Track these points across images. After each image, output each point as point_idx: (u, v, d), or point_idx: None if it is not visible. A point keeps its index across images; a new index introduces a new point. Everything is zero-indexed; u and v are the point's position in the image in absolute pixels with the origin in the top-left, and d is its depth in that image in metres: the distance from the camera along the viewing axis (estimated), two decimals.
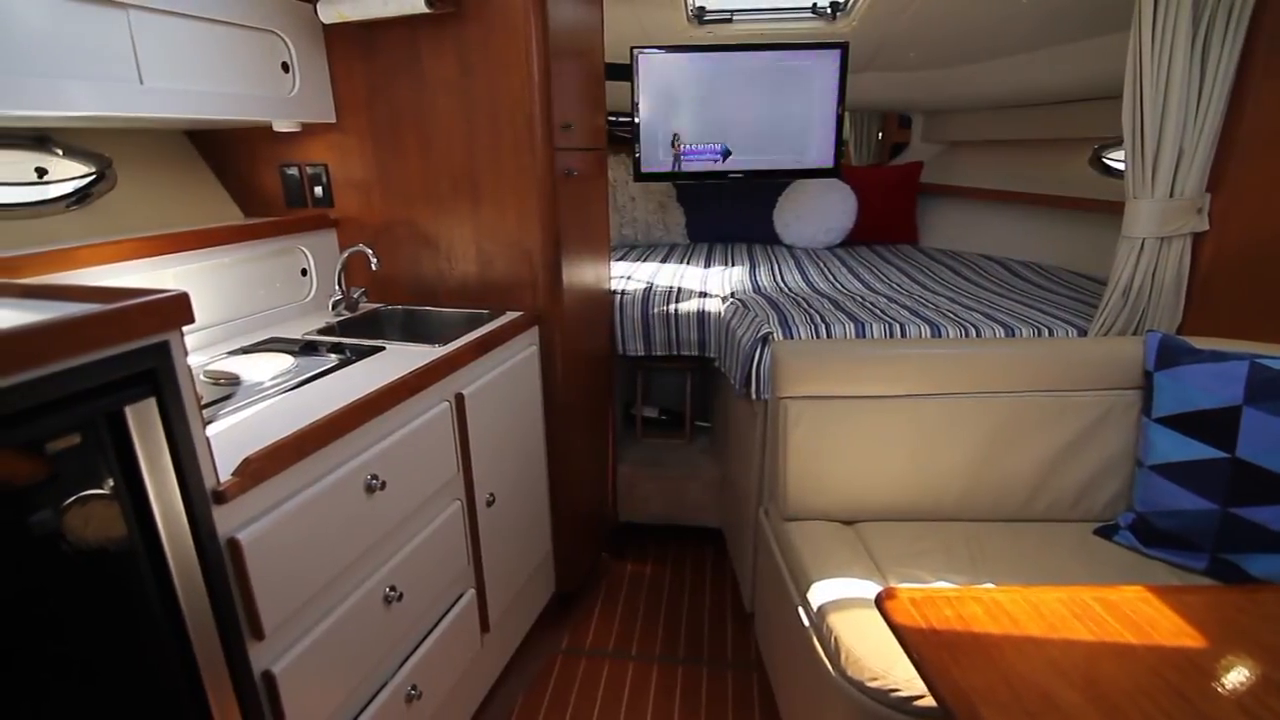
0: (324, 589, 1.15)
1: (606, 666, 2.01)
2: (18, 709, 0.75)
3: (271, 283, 1.85)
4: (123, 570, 0.84)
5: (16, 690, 0.74)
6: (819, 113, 2.57)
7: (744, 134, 2.62)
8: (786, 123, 2.63)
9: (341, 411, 1.17)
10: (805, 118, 2.58)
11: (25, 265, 1.25)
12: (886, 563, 1.54)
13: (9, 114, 1.17)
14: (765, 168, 2.62)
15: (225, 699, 0.98)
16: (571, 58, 1.87)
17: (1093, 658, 0.92)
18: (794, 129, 2.60)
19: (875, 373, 1.70)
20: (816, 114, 2.57)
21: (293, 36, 1.70)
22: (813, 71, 2.54)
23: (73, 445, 0.76)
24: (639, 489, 2.57)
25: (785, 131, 2.61)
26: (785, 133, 2.61)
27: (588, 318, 2.17)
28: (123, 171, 1.67)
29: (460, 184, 1.84)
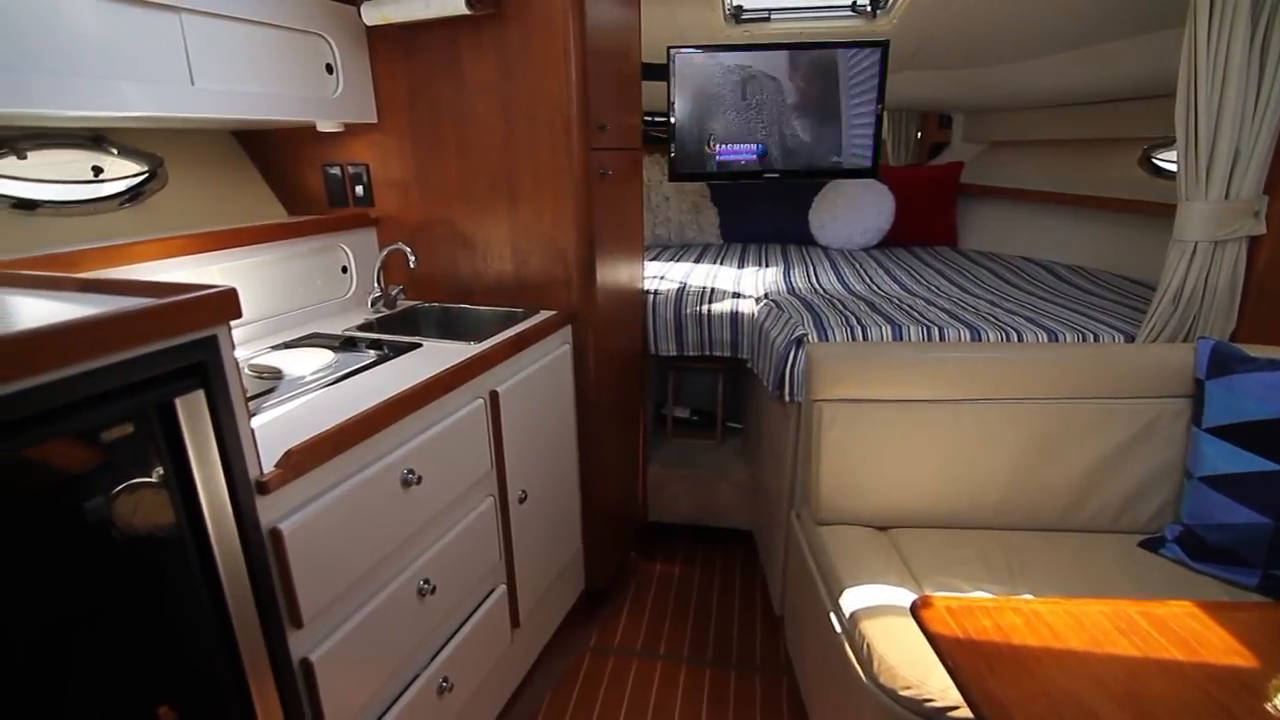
0: (360, 580, 1.18)
1: (634, 666, 2.01)
2: (69, 688, 0.78)
3: (313, 280, 1.89)
4: (170, 557, 0.87)
5: (67, 670, 0.77)
6: (857, 112, 2.54)
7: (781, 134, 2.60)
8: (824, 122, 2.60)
9: (379, 407, 1.19)
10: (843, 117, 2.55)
11: (82, 260, 1.30)
12: (921, 570, 1.51)
13: (68, 114, 1.22)
14: (801, 167, 2.59)
15: (265, 685, 1.00)
16: (609, 58, 1.88)
17: (1137, 673, 0.89)
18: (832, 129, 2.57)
19: (912, 376, 1.67)
20: (854, 113, 2.54)
21: (337, 38, 1.74)
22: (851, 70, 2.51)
23: (126, 435, 0.79)
24: (669, 489, 2.57)
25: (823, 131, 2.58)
26: (823, 130, 2.58)
27: (620, 317, 2.18)
28: (173, 170, 1.72)
29: (497, 184, 1.86)
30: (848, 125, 2.55)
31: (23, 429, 0.69)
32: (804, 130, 2.56)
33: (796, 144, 2.57)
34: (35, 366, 0.68)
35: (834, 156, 2.57)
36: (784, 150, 2.57)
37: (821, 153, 2.57)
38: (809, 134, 2.56)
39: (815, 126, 2.55)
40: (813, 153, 2.58)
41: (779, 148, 2.56)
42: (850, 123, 2.55)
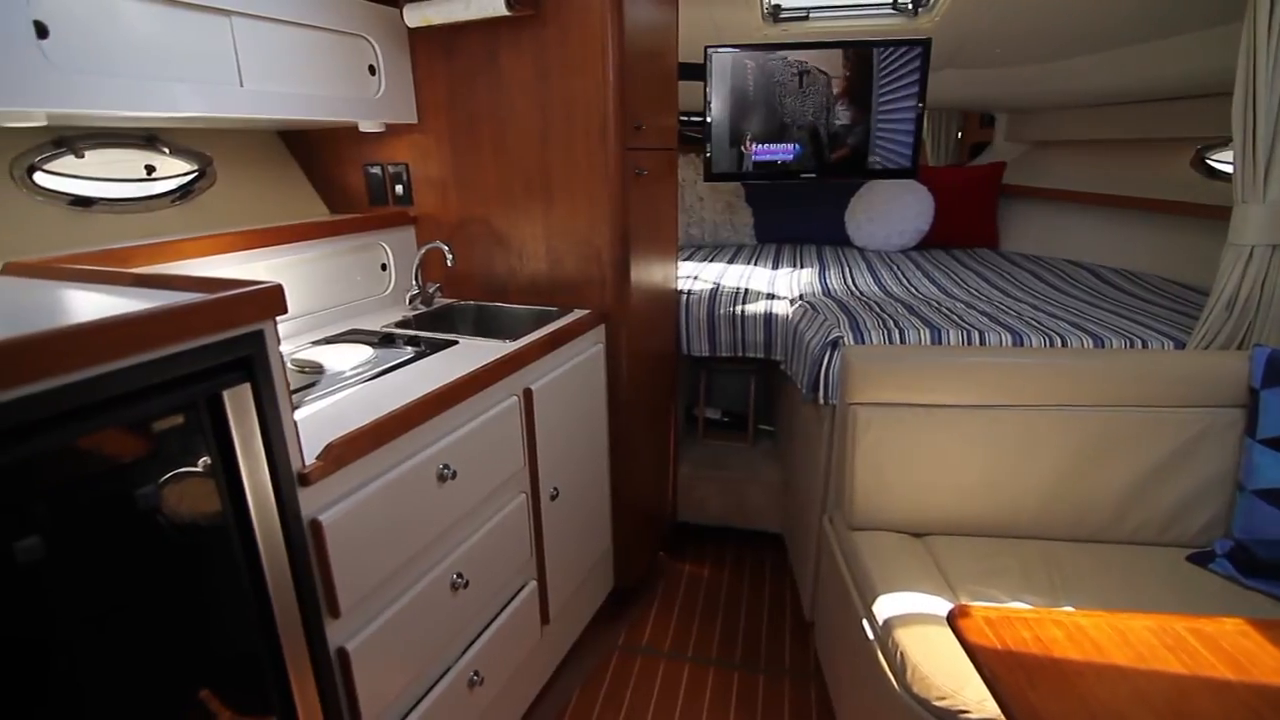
0: (396, 573, 1.20)
1: (662, 666, 2.01)
2: (116, 669, 0.81)
3: (353, 277, 1.93)
4: (215, 544, 0.89)
5: (115, 651, 0.80)
6: (897, 111, 2.50)
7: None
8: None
9: (417, 403, 1.21)
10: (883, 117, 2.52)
11: (135, 256, 1.35)
12: (957, 579, 1.48)
13: (125, 114, 1.26)
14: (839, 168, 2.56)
15: (303, 672, 1.03)
16: (646, 59, 1.88)
17: (1184, 691, 0.86)
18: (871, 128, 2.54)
19: (951, 381, 1.64)
20: (894, 113, 2.50)
21: (380, 40, 1.77)
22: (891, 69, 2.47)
23: (176, 425, 0.81)
24: (699, 490, 2.56)
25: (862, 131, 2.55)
26: (861, 130, 2.54)
27: (653, 317, 2.18)
28: (221, 169, 1.78)
29: (533, 183, 1.88)
30: (888, 125, 2.51)
31: (80, 417, 0.72)
32: (842, 130, 2.52)
33: (834, 144, 2.53)
34: (94, 358, 0.71)
35: (873, 156, 2.54)
36: (821, 150, 2.54)
37: (860, 152, 2.54)
38: (847, 133, 2.53)
39: (854, 126, 2.52)
40: (851, 152, 2.55)
41: (816, 147, 2.53)
42: (890, 122, 2.51)
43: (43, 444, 0.69)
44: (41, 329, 0.68)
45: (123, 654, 0.80)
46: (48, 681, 0.73)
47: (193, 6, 1.33)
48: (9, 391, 0.65)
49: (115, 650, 0.80)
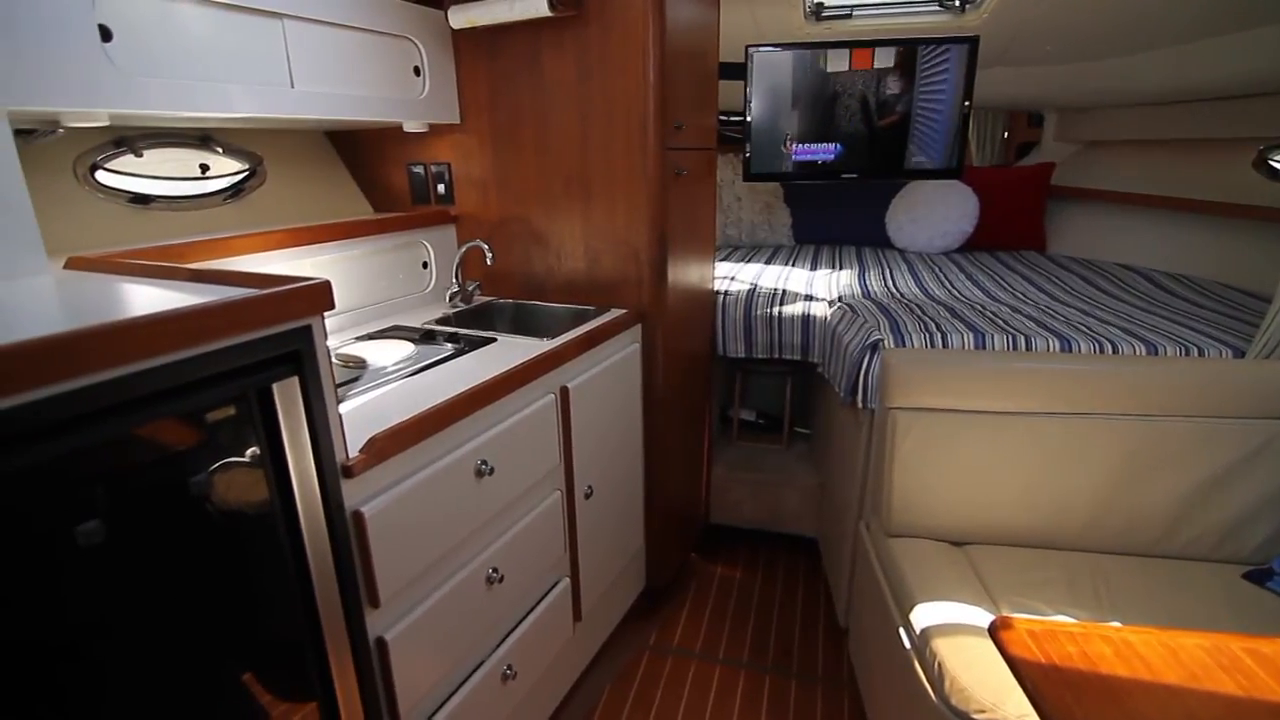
0: (434, 565, 1.22)
1: (693, 667, 2.01)
2: (164, 650, 0.83)
3: (395, 274, 1.96)
4: (261, 533, 0.92)
5: (164, 632, 0.83)
6: (942, 111, 2.45)
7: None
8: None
9: (457, 399, 1.23)
10: (925, 116, 2.47)
11: (190, 252, 1.39)
12: (999, 590, 1.45)
13: (182, 115, 1.31)
14: (881, 167, 2.52)
15: (343, 660, 1.05)
16: (686, 58, 1.88)
17: (1238, 714, 0.83)
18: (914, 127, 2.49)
19: (995, 386, 1.60)
20: (939, 112, 2.45)
21: (425, 42, 1.80)
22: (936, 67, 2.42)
23: (228, 416, 0.84)
24: (732, 492, 2.55)
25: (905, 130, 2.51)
26: (905, 130, 2.50)
27: (690, 317, 2.17)
28: (271, 169, 1.83)
29: (572, 183, 1.89)
30: (932, 124, 2.47)
31: (139, 407, 0.75)
32: (885, 129, 2.48)
33: (876, 143, 2.49)
34: (153, 350, 0.74)
35: (916, 156, 2.49)
36: (863, 149, 2.50)
37: (903, 152, 2.49)
38: (890, 133, 2.49)
39: (897, 125, 2.48)
40: (893, 152, 2.50)
41: (858, 147, 2.49)
42: (935, 122, 2.46)
43: (104, 432, 0.72)
44: (103, 322, 0.71)
45: (173, 635, 0.83)
46: (104, 659, 0.76)
47: (246, 10, 1.37)
48: (73, 381, 0.68)
49: (166, 631, 0.82)
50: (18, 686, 0.68)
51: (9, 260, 1.02)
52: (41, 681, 0.71)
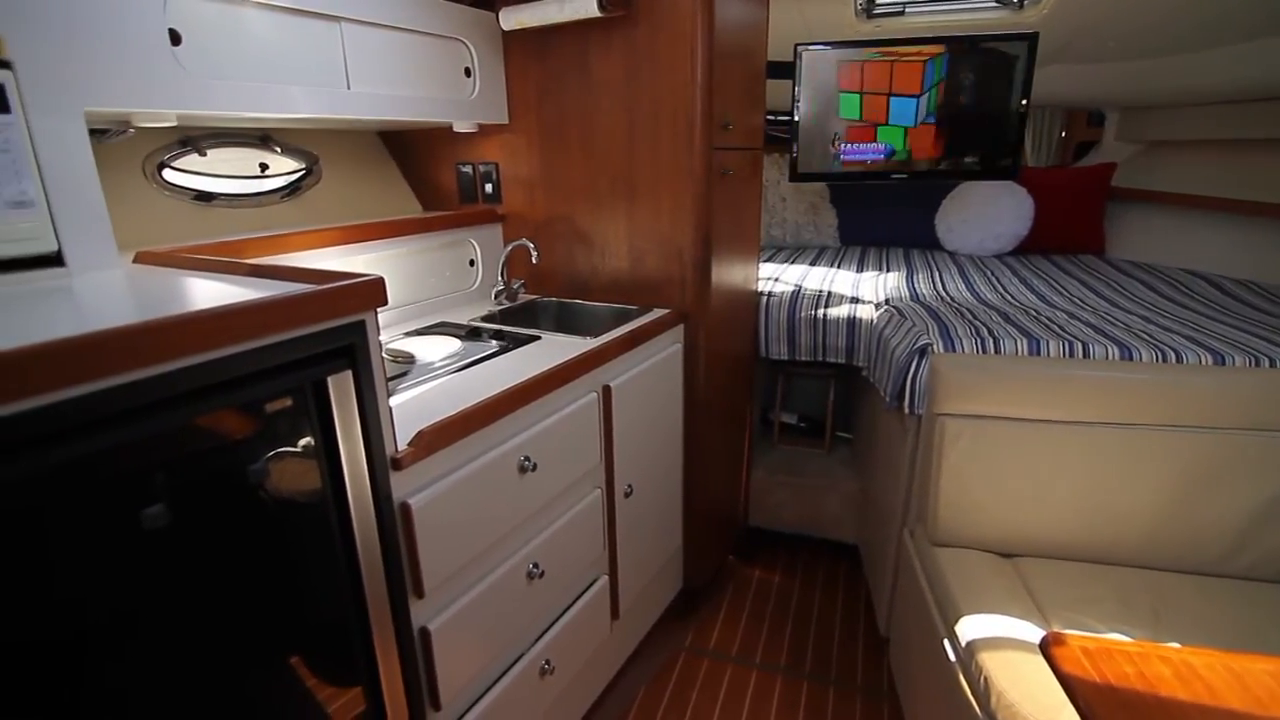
0: (477, 558, 1.24)
1: (729, 671, 2.00)
2: (219, 629, 0.87)
3: (443, 271, 2.00)
4: (313, 521, 0.95)
5: (218, 612, 0.86)
6: (997, 109, 2.38)
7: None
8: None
9: (502, 395, 1.24)
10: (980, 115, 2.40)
11: (249, 248, 1.44)
12: (1049, 605, 1.40)
13: (244, 115, 1.35)
14: (933, 168, 2.46)
15: (388, 648, 1.07)
16: (735, 57, 1.86)
17: None
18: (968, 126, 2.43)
19: (1049, 395, 1.55)
20: (994, 111, 2.38)
21: (476, 43, 1.83)
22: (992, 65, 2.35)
23: (285, 408, 0.87)
24: (772, 495, 2.53)
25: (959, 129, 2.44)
26: (959, 130, 2.44)
27: (733, 318, 2.16)
28: (326, 168, 1.88)
29: (618, 182, 1.90)
30: (987, 123, 2.40)
31: (204, 396, 0.78)
32: (937, 128, 2.43)
33: (928, 143, 2.44)
34: (216, 342, 0.77)
35: (969, 156, 2.43)
36: (914, 149, 2.45)
37: (955, 152, 2.43)
38: (943, 132, 2.43)
39: (950, 124, 2.42)
40: (945, 152, 2.44)
41: (908, 147, 2.44)
42: (989, 120, 2.39)
43: (170, 420, 0.75)
44: (172, 314, 0.74)
45: (227, 617, 0.86)
46: (163, 636, 0.80)
47: (307, 14, 1.41)
48: (143, 370, 0.71)
49: (221, 612, 0.85)
50: (86, 657, 0.72)
51: (84, 254, 1.07)
52: (107, 653, 0.74)
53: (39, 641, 0.68)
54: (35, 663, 0.68)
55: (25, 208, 1.00)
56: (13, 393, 0.62)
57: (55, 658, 0.69)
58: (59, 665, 0.70)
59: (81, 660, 0.71)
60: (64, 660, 0.70)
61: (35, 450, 0.65)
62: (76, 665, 0.71)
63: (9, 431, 0.63)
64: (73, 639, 0.70)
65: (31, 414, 0.64)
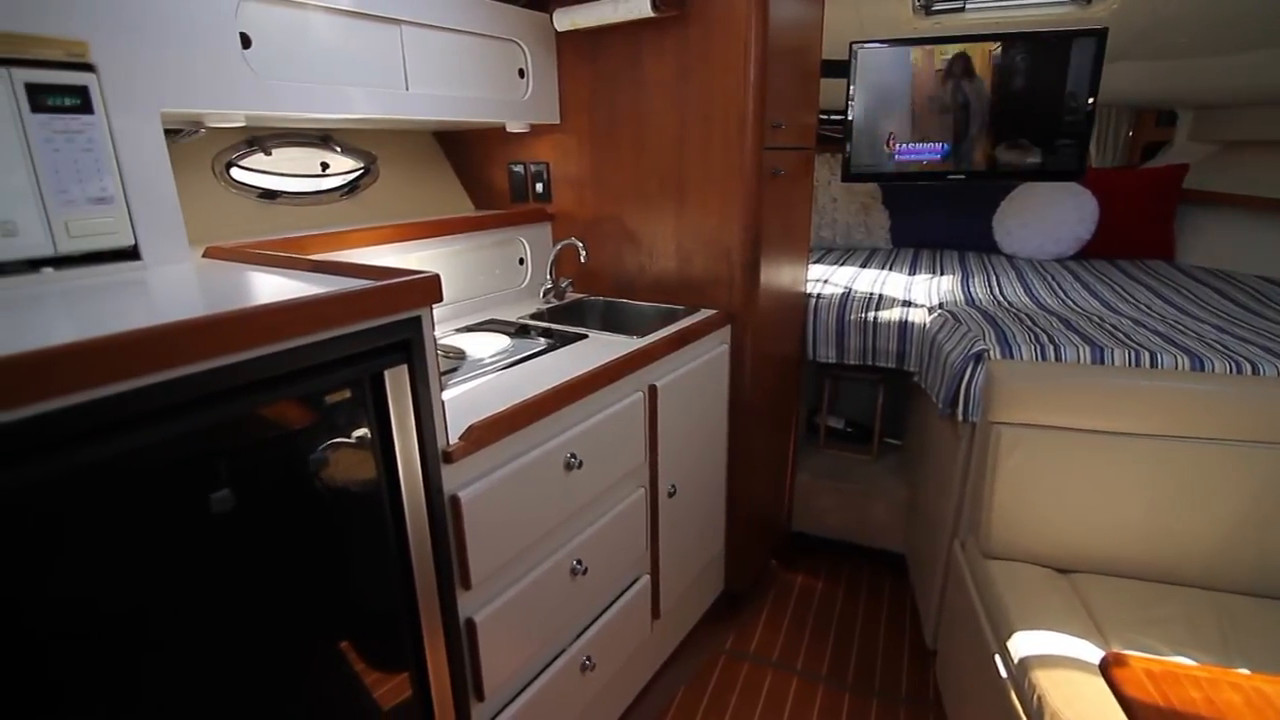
0: (522, 553, 1.25)
1: (769, 676, 1.97)
2: (275, 611, 0.90)
3: (493, 269, 2.03)
4: (367, 509, 0.97)
5: (276, 595, 0.89)
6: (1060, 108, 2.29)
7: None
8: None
9: (551, 392, 1.26)
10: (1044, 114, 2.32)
11: (310, 244, 1.49)
12: (1109, 624, 1.35)
13: (309, 116, 1.40)
14: (992, 168, 2.38)
15: (435, 636, 1.10)
16: (788, 56, 1.84)
17: None
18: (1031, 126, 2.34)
19: (1114, 405, 1.49)
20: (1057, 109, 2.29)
21: (530, 44, 1.85)
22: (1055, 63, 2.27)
23: (344, 399, 0.89)
24: (817, 500, 2.49)
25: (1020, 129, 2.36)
26: (1021, 129, 2.36)
27: (780, 319, 2.14)
28: (384, 167, 1.93)
29: (667, 182, 1.90)
30: (1050, 122, 2.31)
31: (270, 386, 0.81)
32: (998, 128, 2.35)
33: (988, 143, 2.37)
34: (282, 334, 0.80)
35: (1031, 157, 2.34)
36: (972, 150, 2.38)
37: (1017, 152, 2.35)
38: (1003, 132, 2.35)
39: (1011, 123, 2.34)
40: (1006, 152, 2.37)
41: (967, 147, 2.37)
42: (1053, 119, 2.31)
43: (238, 408, 0.78)
44: (242, 307, 0.77)
45: (283, 599, 0.89)
46: (226, 613, 0.83)
47: (370, 17, 1.45)
48: (214, 360, 0.74)
49: (277, 595, 0.88)
50: (159, 628, 0.75)
51: (158, 248, 1.12)
52: (178, 627, 0.78)
53: (117, 613, 0.72)
54: (114, 633, 0.71)
55: (105, 203, 1.05)
56: (99, 379, 0.65)
57: (129, 629, 0.73)
58: (133, 637, 0.73)
59: (153, 632, 0.75)
60: (137, 632, 0.74)
61: (120, 434, 0.68)
62: (150, 637, 0.75)
63: (98, 415, 0.66)
64: (148, 612, 0.74)
65: (115, 399, 0.67)
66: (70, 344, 0.64)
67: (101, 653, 0.71)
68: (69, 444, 0.65)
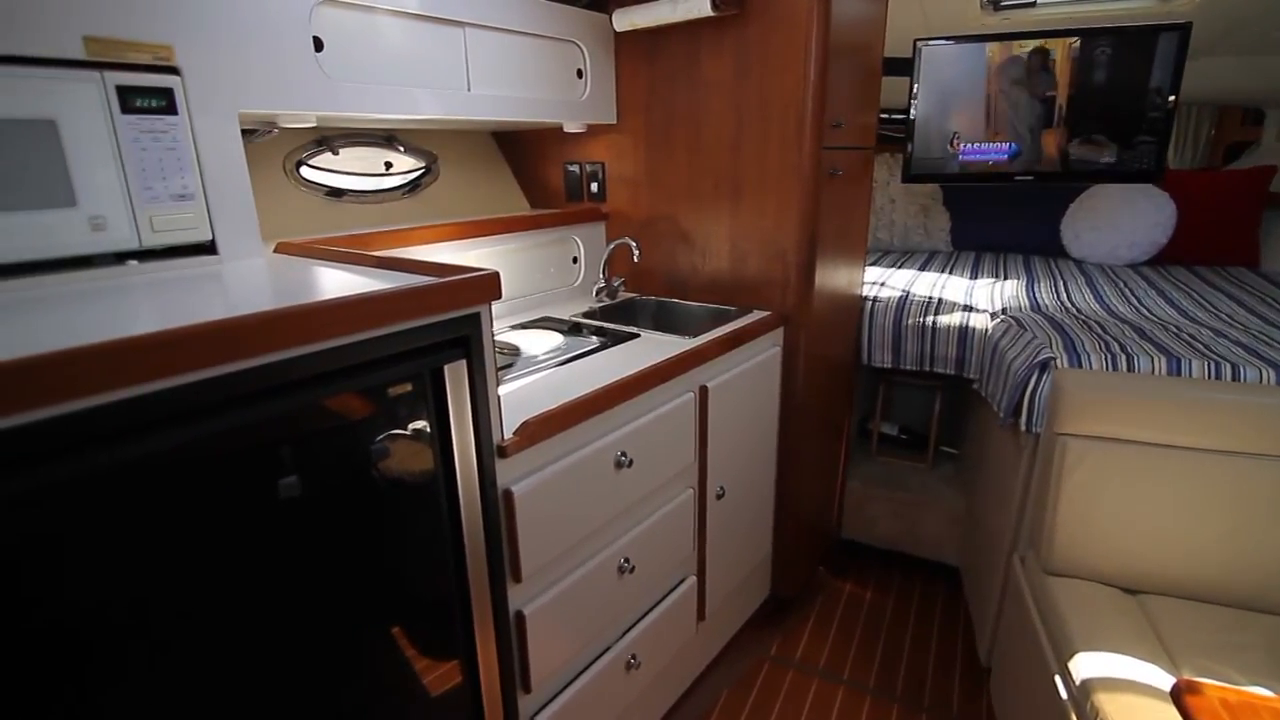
0: (571, 549, 1.27)
1: (814, 684, 1.94)
2: (333, 594, 0.93)
3: (547, 268, 2.06)
4: (424, 500, 1.00)
5: (336, 579, 0.92)
6: (1139, 107, 2.18)
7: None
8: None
9: (603, 390, 1.27)
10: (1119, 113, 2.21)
11: (373, 241, 1.54)
12: (1180, 648, 1.28)
13: (376, 116, 1.44)
14: (1063, 169, 2.28)
15: (485, 627, 1.12)
16: (850, 55, 1.81)
17: None
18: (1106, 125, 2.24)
19: (1193, 420, 1.41)
20: (1135, 108, 2.19)
21: (589, 45, 1.87)
22: (1132, 60, 2.16)
23: (405, 392, 0.92)
24: (868, 508, 2.44)
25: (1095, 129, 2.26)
26: (1095, 129, 2.25)
27: (835, 322, 2.10)
28: (444, 166, 1.97)
29: (723, 182, 1.89)
30: (1127, 122, 2.21)
31: (338, 378, 0.84)
32: (1071, 128, 2.26)
33: (1060, 143, 2.27)
34: (351, 327, 0.83)
35: (1105, 157, 2.24)
36: (1042, 150, 2.29)
37: (1091, 148, 2.25)
38: (1076, 131, 2.26)
39: (1087, 121, 2.24)
40: (1079, 153, 2.27)
41: (1037, 147, 2.28)
42: (1130, 119, 2.20)
43: (310, 397, 0.82)
44: (311, 301, 0.80)
45: (345, 582, 0.92)
46: (294, 595, 0.86)
47: (434, 20, 1.48)
48: (287, 351, 0.77)
49: (336, 580, 0.92)
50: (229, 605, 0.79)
51: (233, 244, 1.17)
52: (248, 605, 0.81)
53: (195, 590, 0.75)
54: (190, 608, 0.75)
55: (186, 200, 1.11)
56: (184, 367, 0.69)
57: (208, 605, 0.77)
58: (209, 612, 0.77)
59: (227, 608, 0.79)
60: (213, 607, 0.77)
61: (202, 419, 0.72)
62: (224, 612, 0.78)
63: (182, 401, 0.70)
64: (225, 589, 0.78)
65: (197, 386, 0.70)
66: (164, 332, 0.67)
67: (175, 627, 0.75)
68: (159, 426, 0.69)
